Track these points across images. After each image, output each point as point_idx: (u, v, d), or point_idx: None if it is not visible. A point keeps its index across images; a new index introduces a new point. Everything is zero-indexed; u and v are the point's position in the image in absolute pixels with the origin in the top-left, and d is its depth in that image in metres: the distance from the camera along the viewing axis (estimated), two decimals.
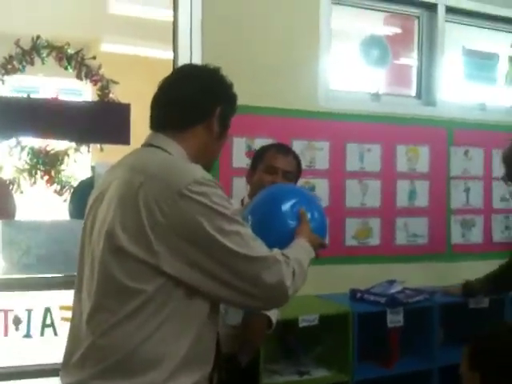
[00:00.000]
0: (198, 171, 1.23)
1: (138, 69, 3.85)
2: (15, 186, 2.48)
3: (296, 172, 2.20)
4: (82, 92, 3.77)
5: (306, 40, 2.87)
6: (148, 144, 1.33)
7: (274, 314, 2.10)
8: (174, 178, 1.19)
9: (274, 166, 2.14)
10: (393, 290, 2.72)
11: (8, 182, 2.43)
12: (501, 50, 3.57)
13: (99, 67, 2.67)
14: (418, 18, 3.30)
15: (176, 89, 1.35)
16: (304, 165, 2.84)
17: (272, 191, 1.71)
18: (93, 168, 2.30)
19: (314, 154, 2.89)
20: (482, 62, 3.45)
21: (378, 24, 3.40)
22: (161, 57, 3.30)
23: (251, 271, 1.20)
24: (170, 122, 1.33)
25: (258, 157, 2.20)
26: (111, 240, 1.18)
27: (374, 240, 3.03)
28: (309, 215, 1.56)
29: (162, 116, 1.34)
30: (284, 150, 2.23)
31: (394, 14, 3.30)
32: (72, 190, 2.46)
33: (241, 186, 2.50)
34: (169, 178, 1.19)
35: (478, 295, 2.68)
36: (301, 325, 2.37)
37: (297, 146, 2.82)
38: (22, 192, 2.48)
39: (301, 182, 2.83)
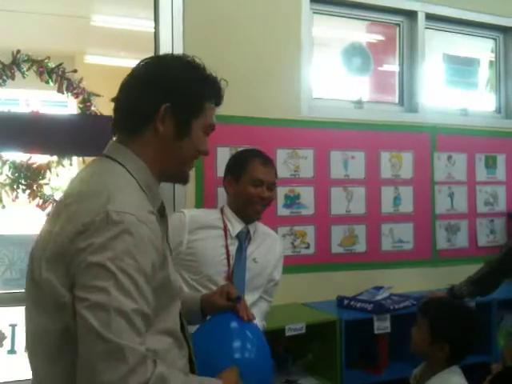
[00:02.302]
0: (122, 199, 1.07)
1: (120, 79, 3.83)
2: None
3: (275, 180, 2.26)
4: (67, 103, 3.75)
5: (288, 49, 2.88)
6: (103, 154, 1.21)
7: (258, 325, 2.10)
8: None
9: (260, 179, 2.16)
10: (379, 297, 2.73)
11: None
12: (481, 54, 3.62)
13: (80, 80, 2.65)
14: (399, 25, 3.33)
15: (122, 89, 1.23)
16: (288, 173, 2.87)
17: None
18: None
19: (298, 162, 2.89)
20: (462, 68, 3.49)
21: (360, 32, 3.43)
22: None
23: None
24: (120, 127, 1.21)
25: (241, 167, 2.20)
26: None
27: (360, 247, 3.04)
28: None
29: (115, 121, 1.23)
30: (267, 160, 2.25)
31: (375, 22, 3.32)
32: (55, 204, 2.44)
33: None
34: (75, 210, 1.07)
35: (463, 298, 2.69)
36: (288, 333, 2.37)
37: (281, 154, 2.84)
38: (3, 207, 2.45)
39: (286, 190, 2.85)
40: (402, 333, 2.70)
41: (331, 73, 3.17)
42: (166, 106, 1.18)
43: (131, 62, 4.26)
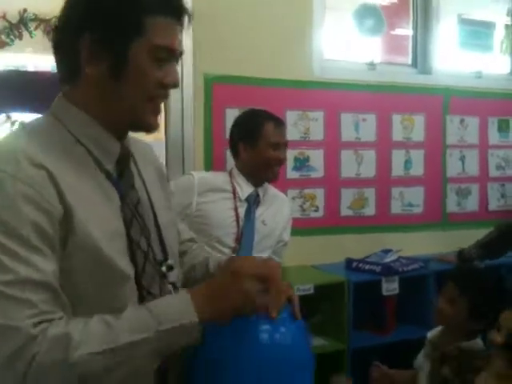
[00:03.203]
0: None
1: None
2: None
3: None
4: None
5: (300, 10, 2.82)
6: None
7: None
8: None
9: (278, 141, 2.16)
10: (388, 259, 2.73)
11: None
12: (496, 18, 3.52)
13: None
14: None
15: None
16: (298, 135, 2.85)
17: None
18: None
19: (309, 124, 2.87)
20: (477, 30, 3.41)
21: None
22: None
23: None
24: (58, 71, 0.98)
25: (256, 131, 2.17)
26: None
27: (370, 210, 3.03)
28: None
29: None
30: (280, 121, 2.24)
31: None
32: None
33: None
34: None
35: (472, 261, 2.69)
36: (296, 293, 2.38)
37: (291, 116, 2.81)
38: None
39: (295, 152, 2.84)
40: (409, 295, 2.72)
41: (343, 34, 3.11)
42: (88, 36, 0.90)
43: None
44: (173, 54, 0.97)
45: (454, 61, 3.36)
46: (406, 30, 3.32)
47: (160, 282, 1.01)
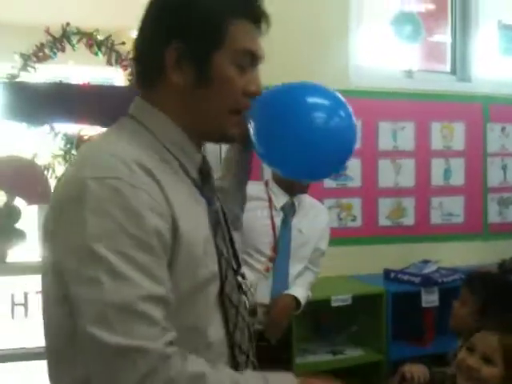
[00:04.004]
0: (102, 162, 0.84)
1: None
2: (50, 172, 2.53)
3: None
4: (113, 80, 3.81)
5: (337, 17, 2.82)
6: (128, 113, 0.98)
7: (302, 295, 2.11)
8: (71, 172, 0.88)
9: None
10: (427, 270, 2.69)
11: (43, 167, 2.48)
12: None
13: (129, 53, 2.68)
14: None
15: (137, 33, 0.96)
16: None
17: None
18: None
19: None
20: None
21: (410, 0, 3.32)
22: None
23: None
24: (138, 84, 0.97)
25: None
26: None
27: (408, 220, 2.99)
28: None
29: (135, 78, 1.00)
30: None
31: None
32: None
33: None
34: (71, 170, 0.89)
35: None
36: (334, 304, 2.37)
37: None
38: (56, 177, 2.53)
39: None
40: (449, 306, 2.66)
41: (381, 42, 3.09)
42: (174, 45, 0.89)
43: None
44: (255, 59, 0.95)
45: (493, 68, 3.29)
46: (444, 37, 3.28)
47: (238, 291, 1.00)
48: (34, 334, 2.01)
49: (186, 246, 0.86)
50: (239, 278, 1.02)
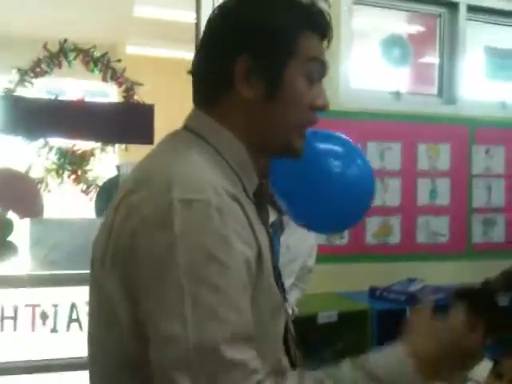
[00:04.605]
0: (189, 182, 0.79)
1: (161, 70, 3.93)
2: (43, 185, 2.57)
3: None
4: (108, 93, 3.87)
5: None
6: (183, 125, 0.94)
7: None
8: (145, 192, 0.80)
9: None
10: (413, 288, 2.73)
11: (36, 181, 2.52)
12: None
13: (124, 70, 2.74)
14: (440, 16, 3.29)
15: (196, 53, 0.94)
16: None
17: None
18: (118, 167, 2.37)
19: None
20: (503, 60, 3.43)
21: (400, 22, 3.41)
22: (184, 57, 3.37)
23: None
24: (198, 99, 0.93)
25: None
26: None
27: (394, 238, 3.05)
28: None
29: (193, 94, 0.94)
30: None
31: (416, 12, 3.30)
32: (98, 189, 2.55)
33: None
34: (144, 189, 0.81)
35: (497, 293, 2.67)
36: (320, 321, 2.41)
37: None
38: (49, 191, 2.56)
39: None
40: None
41: (370, 63, 3.17)
42: (243, 59, 0.86)
43: (172, 53, 4.38)
44: (323, 70, 0.93)
45: (479, 91, 3.38)
46: (432, 58, 3.36)
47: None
48: (23, 348, 2.04)
49: (267, 275, 0.83)
50: (286, 304, 0.98)
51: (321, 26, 0.92)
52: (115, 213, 0.83)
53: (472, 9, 3.26)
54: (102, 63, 2.66)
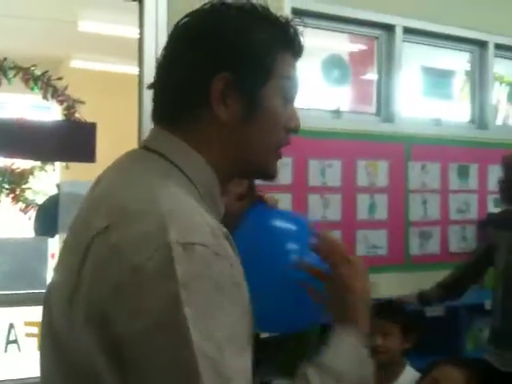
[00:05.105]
0: (185, 222, 0.71)
1: (106, 84, 3.93)
2: None
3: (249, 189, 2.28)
4: (50, 107, 3.82)
5: None
6: (143, 146, 0.85)
7: None
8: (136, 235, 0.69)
9: (231, 190, 2.20)
10: None
11: None
12: (457, 66, 3.74)
13: (66, 88, 2.73)
14: (378, 38, 3.43)
15: (158, 70, 0.87)
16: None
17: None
18: (58, 186, 2.36)
19: (278, 169, 2.98)
20: (438, 80, 3.60)
21: (341, 41, 3.53)
22: (128, 72, 3.38)
23: None
24: (161, 116, 0.86)
25: None
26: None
27: None
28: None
29: (153, 112, 0.88)
30: None
31: (354, 34, 3.43)
32: (37, 208, 2.52)
33: None
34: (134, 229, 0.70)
35: (432, 303, 2.80)
36: (262, 335, 2.45)
37: None
38: None
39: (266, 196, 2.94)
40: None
41: (311, 82, 3.27)
42: (223, 76, 0.81)
43: (115, 68, 4.36)
44: (297, 90, 0.91)
45: (416, 109, 3.54)
46: (371, 78, 3.49)
47: None
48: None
49: (252, 311, 0.77)
50: None
51: (296, 45, 0.90)
52: (87, 250, 0.71)
53: (408, 31, 3.42)
54: (42, 81, 2.64)
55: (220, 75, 0.81)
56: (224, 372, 0.65)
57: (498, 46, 3.69)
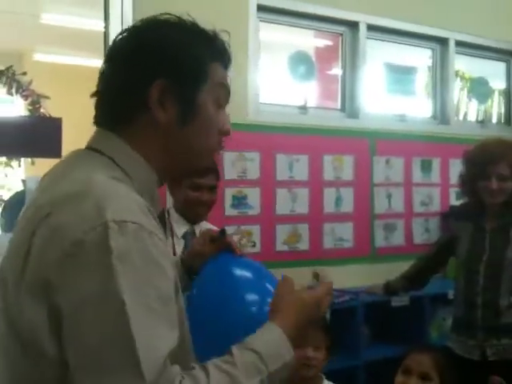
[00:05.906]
0: (119, 203, 0.79)
1: (69, 78, 3.86)
2: None
3: (217, 182, 2.29)
4: (14, 101, 3.74)
5: (235, 54, 2.97)
6: (86, 146, 0.93)
7: None
8: (74, 216, 0.77)
9: (201, 184, 2.19)
10: None
11: None
12: (419, 63, 3.83)
13: (30, 83, 2.68)
14: (342, 35, 3.48)
15: (101, 78, 0.94)
16: (236, 175, 2.98)
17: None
18: (24, 182, 2.32)
19: (245, 164, 3.01)
20: (401, 76, 3.68)
21: (307, 37, 3.57)
22: (93, 66, 3.35)
23: None
24: (104, 120, 0.93)
25: None
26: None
27: (303, 245, 3.19)
28: None
29: (96, 117, 0.95)
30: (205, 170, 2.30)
31: (319, 31, 3.47)
32: (3, 204, 2.49)
33: None
34: (71, 213, 0.77)
35: (398, 293, 2.87)
36: None
37: (228, 157, 2.95)
38: None
39: (233, 191, 2.96)
40: (338, 326, 2.86)
41: (278, 78, 3.30)
42: (160, 82, 0.89)
43: (80, 61, 4.29)
44: (228, 97, 0.99)
45: (379, 105, 3.61)
46: (336, 74, 3.54)
47: None
48: None
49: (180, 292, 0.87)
50: None
51: (225, 56, 0.99)
52: (32, 235, 0.79)
53: (371, 28, 3.48)
54: (6, 76, 2.59)
55: (158, 81, 0.89)
56: (153, 337, 0.73)
57: (459, 43, 3.81)
